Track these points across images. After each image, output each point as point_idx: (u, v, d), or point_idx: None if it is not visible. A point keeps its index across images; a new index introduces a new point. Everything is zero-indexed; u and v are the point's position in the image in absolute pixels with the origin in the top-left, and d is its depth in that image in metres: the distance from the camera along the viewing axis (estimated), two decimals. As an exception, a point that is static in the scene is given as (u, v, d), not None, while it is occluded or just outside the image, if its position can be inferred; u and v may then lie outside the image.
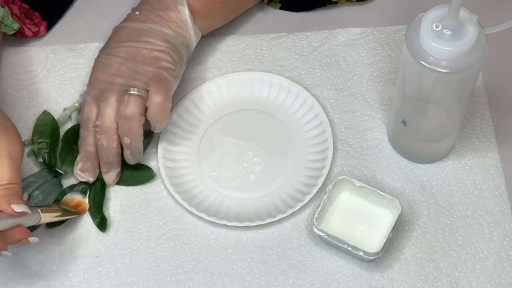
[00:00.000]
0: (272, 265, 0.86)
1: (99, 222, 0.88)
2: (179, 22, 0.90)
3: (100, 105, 0.87)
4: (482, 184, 0.89)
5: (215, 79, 0.95)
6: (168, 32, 0.89)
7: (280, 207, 0.88)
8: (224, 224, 0.87)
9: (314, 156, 0.90)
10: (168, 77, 0.88)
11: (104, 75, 0.88)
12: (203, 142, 0.92)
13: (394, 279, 0.85)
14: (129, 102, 0.85)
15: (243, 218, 0.87)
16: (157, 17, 0.90)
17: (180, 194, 0.88)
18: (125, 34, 0.90)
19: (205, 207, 0.88)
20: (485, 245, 0.86)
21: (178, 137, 0.92)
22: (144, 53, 0.88)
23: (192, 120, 0.94)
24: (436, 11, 0.75)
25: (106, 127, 0.87)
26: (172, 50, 0.89)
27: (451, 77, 0.76)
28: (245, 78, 0.95)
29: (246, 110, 0.94)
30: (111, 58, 0.89)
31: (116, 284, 0.85)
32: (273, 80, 0.94)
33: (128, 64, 0.88)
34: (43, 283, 0.85)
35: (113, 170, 0.89)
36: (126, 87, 0.86)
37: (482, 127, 0.92)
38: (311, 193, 0.88)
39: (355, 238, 0.85)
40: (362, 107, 0.94)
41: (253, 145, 0.92)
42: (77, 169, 0.89)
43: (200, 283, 0.85)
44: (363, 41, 0.97)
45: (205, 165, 0.91)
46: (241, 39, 0.98)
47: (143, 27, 0.89)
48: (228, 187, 0.90)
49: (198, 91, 0.94)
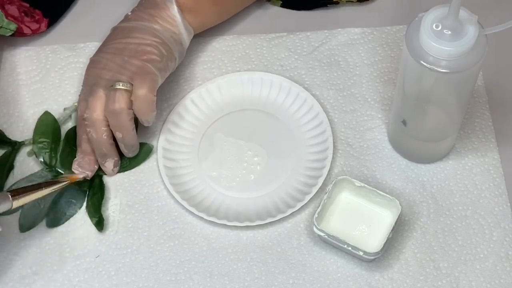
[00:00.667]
0: (272, 265, 0.86)
1: (97, 222, 0.88)
2: (168, 18, 0.91)
3: (88, 99, 0.88)
4: (482, 184, 0.89)
5: (215, 79, 0.95)
6: (156, 28, 0.90)
7: (280, 207, 0.88)
8: (224, 224, 0.87)
9: (314, 156, 0.90)
10: (153, 69, 0.89)
11: (93, 71, 0.90)
12: (203, 142, 0.92)
13: (394, 279, 0.85)
14: (116, 97, 0.87)
15: (243, 218, 0.87)
16: (147, 15, 0.91)
17: (180, 194, 0.88)
18: (117, 34, 0.91)
19: (205, 207, 0.88)
20: (485, 245, 0.86)
21: (178, 137, 0.92)
22: (131, 48, 0.89)
23: (192, 119, 0.94)
24: (436, 11, 0.74)
25: (93, 119, 0.88)
26: (160, 44, 0.90)
27: (451, 77, 0.76)
28: (245, 78, 0.95)
29: (246, 110, 0.94)
30: (101, 55, 0.90)
31: (116, 284, 0.85)
32: (273, 80, 0.94)
33: (116, 59, 0.89)
34: (43, 283, 0.85)
35: (109, 160, 0.89)
36: (112, 82, 0.88)
37: (482, 127, 0.92)
38: (311, 193, 0.88)
39: (355, 238, 0.85)
40: (362, 107, 0.94)
41: (253, 145, 0.92)
42: (75, 165, 0.89)
43: (200, 283, 0.85)
44: (363, 41, 0.97)
45: (205, 165, 0.91)
46: (241, 39, 0.98)
47: (133, 25, 0.91)
48: (228, 187, 0.90)
49: (198, 91, 0.94)
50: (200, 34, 0.97)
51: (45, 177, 0.90)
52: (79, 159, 0.90)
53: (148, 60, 0.89)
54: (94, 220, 0.88)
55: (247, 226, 0.87)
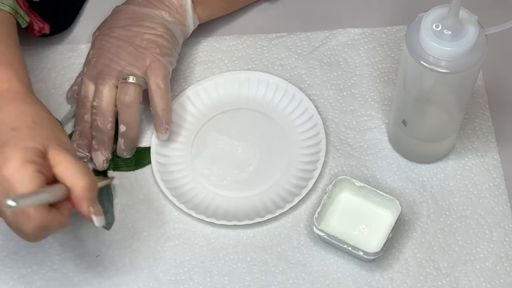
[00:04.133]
0: (272, 264, 0.86)
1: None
2: (179, 9, 0.91)
3: (98, 87, 0.88)
4: (482, 184, 0.89)
5: (212, 77, 0.95)
6: (168, 19, 0.91)
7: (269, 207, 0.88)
8: (212, 222, 0.87)
9: (306, 158, 0.90)
10: (166, 64, 0.89)
11: (102, 58, 0.89)
12: (196, 139, 0.92)
13: (394, 279, 0.85)
14: (128, 91, 0.87)
15: (231, 216, 0.87)
16: (158, 2, 0.91)
17: (170, 190, 0.88)
18: (126, 17, 0.91)
19: (195, 204, 0.88)
20: (485, 245, 0.86)
21: (172, 133, 0.92)
22: (143, 38, 0.89)
23: (187, 116, 0.94)
24: (436, 11, 0.75)
25: (103, 108, 0.88)
26: (170, 37, 0.90)
27: (451, 77, 0.76)
28: (242, 77, 0.95)
29: (242, 109, 0.94)
30: (110, 40, 0.90)
31: (116, 284, 0.85)
32: (270, 80, 0.94)
33: (128, 49, 0.89)
34: (43, 282, 0.85)
35: (102, 151, 0.89)
36: (124, 75, 0.88)
37: (482, 127, 0.92)
38: (308, 187, 0.88)
39: (355, 238, 0.85)
40: (362, 107, 0.94)
41: (247, 145, 0.92)
42: (73, 144, 0.89)
43: (200, 283, 0.85)
44: (363, 41, 0.97)
45: (197, 162, 0.91)
46: (242, 39, 0.98)
47: (144, 11, 0.90)
48: (219, 185, 0.90)
49: (195, 88, 0.94)
50: (201, 34, 0.97)
51: None
52: (78, 140, 0.89)
53: (161, 54, 0.89)
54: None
55: (235, 225, 0.87)
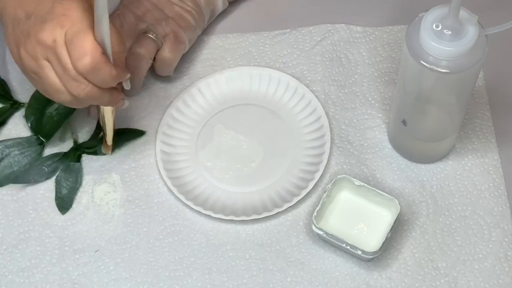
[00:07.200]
0: (270, 262, 0.86)
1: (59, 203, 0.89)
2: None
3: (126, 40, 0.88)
4: (482, 184, 0.89)
5: (224, 71, 0.95)
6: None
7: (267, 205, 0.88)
8: (209, 214, 0.87)
9: (309, 159, 0.91)
10: (185, 38, 0.92)
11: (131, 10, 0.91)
12: (203, 131, 0.93)
13: (392, 279, 0.85)
14: (143, 43, 0.89)
15: (228, 211, 0.87)
16: None
17: (171, 180, 0.89)
18: None
19: (195, 195, 0.89)
20: (484, 246, 0.86)
21: (179, 123, 0.93)
22: (172, 9, 0.92)
23: (196, 108, 0.94)
24: (436, 11, 0.74)
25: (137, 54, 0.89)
26: (198, 13, 0.93)
27: (451, 77, 0.76)
28: (255, 73, 0.95)
29: (251, 105, 0.94)
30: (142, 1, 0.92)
31: (114, 279, 0.86)
32: (281, 78, 0.94)
33: (155, 13, 0.91)
34: (42, 277, 0.86)
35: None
36: (146, 29, 0.90)
37: (482, 128, 0.92)
38: (308, 188, 0.88)
39: (354, 237, 0.85)
40: (362, 106, 0.94)
41: (252, 140, 0.92)
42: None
43: (199, 280, 0.85)
44: (364, 40, 0.97)
45: (201, 154, 0.91)
46: (244, 37, 0.98)
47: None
48: (220, 178, 0.90)
49: (206, 81, 0.95)
50: (204, 31, 0.97)
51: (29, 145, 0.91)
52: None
53: (184, 27, 0.92)
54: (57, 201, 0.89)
55: (232, 220, 0.87)
